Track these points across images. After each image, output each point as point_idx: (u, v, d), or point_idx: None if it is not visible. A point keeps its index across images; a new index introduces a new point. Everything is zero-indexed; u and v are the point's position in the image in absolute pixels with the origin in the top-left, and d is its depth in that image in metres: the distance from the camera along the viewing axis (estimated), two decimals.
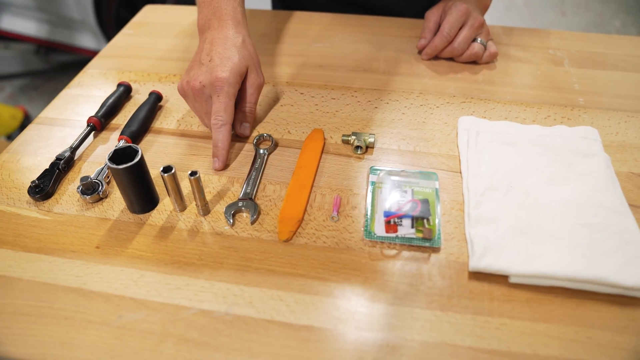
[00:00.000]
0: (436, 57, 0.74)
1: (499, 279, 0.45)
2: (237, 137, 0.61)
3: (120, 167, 0.47)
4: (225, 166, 0.57)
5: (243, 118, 0.60)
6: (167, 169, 0.47)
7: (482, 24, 0.71)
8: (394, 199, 0.51)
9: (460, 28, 0.70)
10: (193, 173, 0.47)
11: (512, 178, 0.53)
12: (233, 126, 0.60)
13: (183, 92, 0.58)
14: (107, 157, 0.47)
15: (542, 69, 0.72)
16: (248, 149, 0.59)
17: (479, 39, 0.71)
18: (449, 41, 0.70)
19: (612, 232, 0.48)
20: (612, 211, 0.50)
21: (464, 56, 0.71)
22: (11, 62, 2.03)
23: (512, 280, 0.45)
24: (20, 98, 2.02)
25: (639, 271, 0.44)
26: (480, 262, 0.45)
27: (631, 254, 0.46)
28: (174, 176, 0.48)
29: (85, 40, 1.99)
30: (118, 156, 0.49)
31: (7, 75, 2.09)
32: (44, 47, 2.08)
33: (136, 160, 0.47)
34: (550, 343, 0.41)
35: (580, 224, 0.49)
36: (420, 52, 0.75)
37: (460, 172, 0.55)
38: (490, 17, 0.76)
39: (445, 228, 0.49)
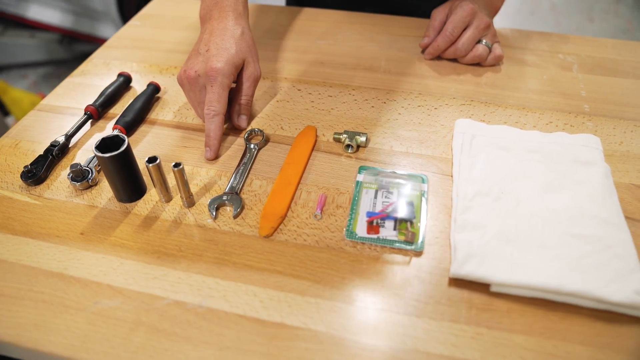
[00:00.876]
0: (439, 58, 0.73)
1: (480, 287, 0.44)
2: (230, 130, 0.61)
3: (106, 155, 0.47)
4: (217, 156, 0.57)
5: (240, 110, 0.60)
6: (151, 160, 0.48)
7: (488, 26, 0.69)
8: (378, 199, 0.50)
9: (465, 28, 0.69)
10: (177, 164, 0.47)
11: (504, 184, 0.52)
12: (230, 118, 0.61)
13: (180, 81, 0.59)
14: (94, 146, 0.48)
15: (549, 73, 0.70)
16: (239, 143, 0.59)
17: (484, 41, 0.69)
18: (451, 41, 0.69)
19: (604, 245, 0.46)
20: (607, 223, 0.48)
21: (468, 57, 0.69)
22: (36, 50, 2.09)
23: (494, 289, 0.44)
24: (42, 86, 2.07)
25: (628, 287, 0.42)
26: (462, 268, 0.44)
27: (622, 269, 0.44)
28: (158, 167, 0.48)
29: (107, 30, 2.03)
30: (106, 145, 0.49)
31: (32, 63, 2.14)
32: (67, 36, 2.13)
33: (122, 149, 0.48)
34: (527, 356, 0.39)
35: (571, 234, 0.47)
36: (423, 51, 0.74)
37: (452, 176, 0.54)
38: (514, 21, 0.75)
39: (430, 232, 0.48)
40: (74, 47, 2.15)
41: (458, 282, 0.44)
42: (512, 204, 0.50)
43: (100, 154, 0.47)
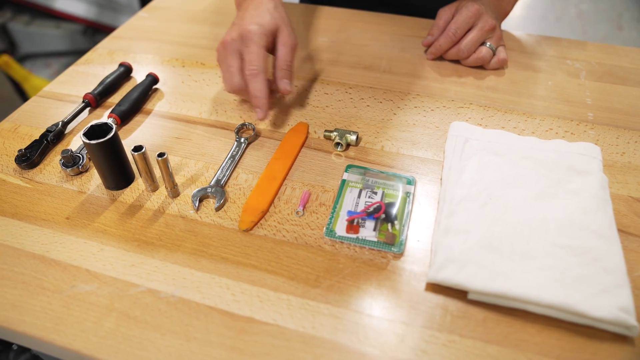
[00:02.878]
0: (442, 59, 0.72)
1: (458, 293, 0.43)
2: (222, 124, 0.61)
3: (92, 142, 0.48)
4: (267, 115, 0.59)
5: (281, 75, 0.58)
6: (137, 148, 0.48)
7: (494, 28, 0.67)
8: (361, 199, 0.49)
9: (470, 29, 0.67)
10: (161, 154, 0.48)
11: (493, 190, 0.50)
12: (274, 84, 0.59)
13: (217, 52, 0.58)
14: (81, 132, 0.48)
15: (555, 79, 0.68)
16: (230, 137, 0.59)
17: (488, 43, 0.68)
18: (454, 41, 0.68)
19: (592, 258, 0.44)
20: (597, 235, 0.46)
21: (470, 60, 0.68)
22: (60, 40, 2.14)
23: (471, 296, 0.42)
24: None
25: (612, 302, 0.40)
26: (439, 273, 0.43)
27: (608, 284, 0.42)
28: (144, 155, 0.48)
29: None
30: (94, 131, 0.50)
31: (56, 53, 2.20)
32: (91, 28, 2.18)
33: (108, 136, 0.48)
34: None
35: (558, 245, 0.45)
36: (426, 50, 0.72)
37: (441, 179, 0.53)
38: (539, 27, 0.74)
39: (412, 235, 0.47)
40: (96, 38, 2.20)
41: (435, 288, 0.43)
42: (499, 211, 0.48)
43: (86, 140, 0.48)
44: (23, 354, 1.15)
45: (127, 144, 0.57)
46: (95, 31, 2.19)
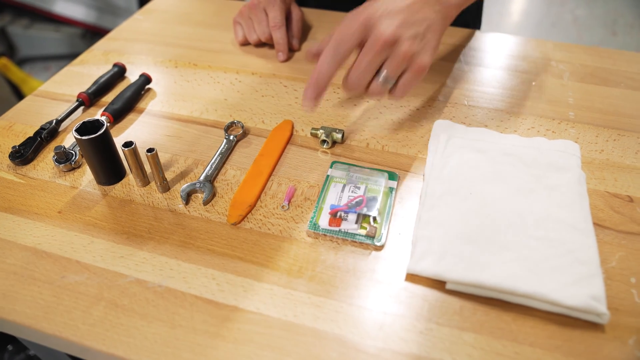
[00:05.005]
0: None
1: (436, 284, 0.44)
2: (212, 122, 0.63)
3: (84, 137, 0.49)
4: (289, 57, 0.74)
5: (293, 35, 0.76)
6: (127, 144, 0.49)
7: (392, 41, 0.48)
8: (345, 193, 0.51)
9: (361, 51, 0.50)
10: (150, 150, 0.49)
11: (473, 185, 0.52)
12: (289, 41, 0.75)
13: (239, 15, 0.76)
14: (73, 128, 0.50)
15: (539, 80, 0.70)
16: (219, 134, 0.60)
17: (382, 75, 0.50)
18: (337, 63, 0.51)
19: (567, 250, 0.46)
20: (573, 228, 0.47)
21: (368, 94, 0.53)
22: (59, 44, 2.16)
23: (449, 286, 0.44)
24: None
25: (584, 292, 0.42)
26: (418, 264, 0.44)
27: (581, 274, 0.43)
28: (134, 151, 0.50)
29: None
30: (86, 128, 0.51)
31: (55, 56, 2.22)
32: (90, 31, 2.20)
33: (99, 132, 0.50)
34: (474, 354, 0.40)
35: (535, 237, 0.47)
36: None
37: (424, 175, 0.54)
38: (535, 33, 0.74)
39: (394, 228, 0.49)
40: (94, 42, 2.22)
41: (415, 278, 0.45)
42: (478, 205, 0.50)
43: (78, 136, 0.49)
44: (18, 354, 1.15)
45: (120, 142, 0.58)
46: (94, 35, 2.21)
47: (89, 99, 0.64)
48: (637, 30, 2.58)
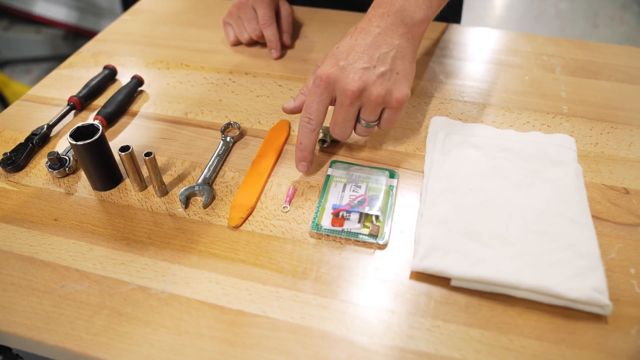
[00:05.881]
0: (420, 55, 0.73)
1: (441, 281, 0.44)
2: (208, 124, 0.62)
3: (79, 143, 0.48)
4: (282, 54, 0.74)
5: (284, 30, 0.76)
6: (124, 149, 0.49)
7: (359, 90, 0.47)
8: (346, 193, 0.51)
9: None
10: (148, 154, 0.48)
11: (473, 181, 0.52)
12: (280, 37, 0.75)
13: (228, 15, 0.76)
14: (68, 134, 0.49)
15: (531, 74, 0.70)
16: (216, 136, 0.60)
17: (363, 122, 0.51)
18: (314, 132, 0.51)
19: (567, 243, 0.46)
20: (572, 222, 0.48)
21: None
22: (41, 46, 2.12)
23: (454, 283, 0.44)
24: None
25: (586, 284, 0.42)
26: (423, 262, 0.44)
27: (582, 266, 0.44)
28: (131, 155, 0.49)
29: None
30: (81, 133, 0.50)
31: (37, 59, 2.17)
32: (72, 32, 2.16)
33: (95, 137, 0.49)
34: (482, 349, 0.40)
35: (535, 232, 0.47)
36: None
37: (423, 172, 0.54)
38: (519, 26, 0.74)
39: (396, 226, 0.49)
40: (78, 43, 2.18)
41: (419, 276, 0.45)
42: (479, 201, 0.50)
43: (73, 142, 0.48)
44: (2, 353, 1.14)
45: (114, 146, 0.58)
46: (77, 36, 2.17)
47: (80, 103, 0.63)
48: (618, 23, 2.63)
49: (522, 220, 0.48)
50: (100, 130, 0.49)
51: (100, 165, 0.51)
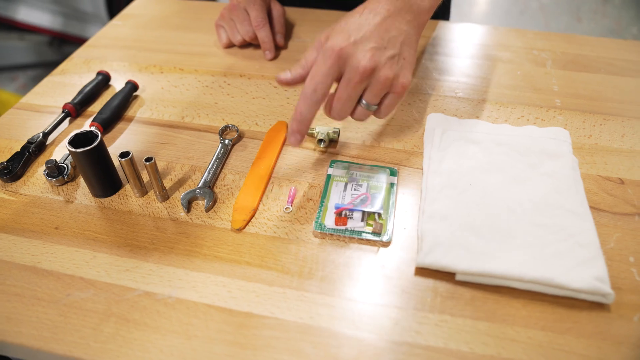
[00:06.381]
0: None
1: (446, 276, 0.45)
2: (206, 127, 0.62)
3: (78, 150, 0.48)
4: (277, 55, 0.75)
5: (277, 31, 0.76)
6: (124, 154, 0.48)
7: (370, 69, 0.46)
8: (347, 192, 0.51)
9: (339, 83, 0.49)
10: (148, 159, 0.48)
11: (472, 176, 0.53)
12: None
13: (220, 18, 0.75)
14: (66, 141, 0.48)
15: (523, 69, 0.71)
16: (214, 139, 0.60)
17: (364, 101, 0.50)
18: (318, 103, 0.48)
19: (567, 234, 0.47)
20: (571, 213, 0.49)
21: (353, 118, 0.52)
22: (25, 53, 2.09)
23: (458, 277, 0.45)
24: (32, 88, 2.07)
25: (588, 274, 0.43)
26: (427, 257, 0.45)
27: (583, 257, 0.45)
28: (131, 161, 0.49)
29: (96, 32, 2.04)
30: (80, 140, 0.50)
31: (22, 66, 2.14)
32: (57, 38, 2.13)
33: (94, 144, 0.48)
34: (489, 342, 0.40)
35: (536, 224, 0.48)
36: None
37: (422, 169, 0.55)
38: (504, 21, 0.75)
39: (399, 223, 0.49)
40: (63, 49, 2.16)
41: (424, 272, 0.45)
42: (478, 196, 0.51)
43: (72, 149, 0.48)
44: None
45: (111, 152, 0.57)
46: (62, 42, 2.14)
47: (75, 110, 0.63)
48: (600, 16, 2.67)
49: (522, 214, 0.49)
50: (99, 137, 0.49)
51: (100, 172, 0.51)
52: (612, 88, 0.67)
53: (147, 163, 0.48)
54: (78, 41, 2.11)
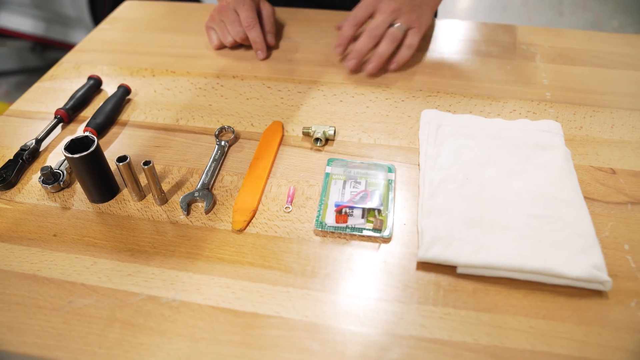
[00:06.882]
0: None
1: (447, 269, 0.46)
2: (202, 129, 0.62)
3: (75, 156, 0.47)
4: (268, 55, 0.75)
5: (267, 30, 0.76)
6: (121, 159, 0.48)
7: (396, 9, 0.67)
8: (347, 189, 0.51)
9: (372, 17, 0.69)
10: (146, 162, 0.48)
11: (468, 171, 0.53)
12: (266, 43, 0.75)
13: (210, 20, 0.76)
14: (63, 147, 0.48)
15: (513, 64, 0.72)
16: (210, 141, 0.60)
17: (396, 24, 0.68)
18: (357, 25, 0.69)
19: (564, 224, 0.48)
20: (566, 203, 0.50)
21: (383, 42, 0.67)
22: (7, 59, 2.05)
23: (460, 270, 0.45)
24: (15, 95, 2.04)
25: (586, 262, 0.44)
26: (428, 252, 0.45)
27: (581, 246, 0.46)
28: (129, 165, 0.49)
29: (80, 36, 2.01)
30: (76, 146, 0.49)
31: (3, 72, 2.11)
32: (39, 44, 2.10)
33: (91, 149, 0.48)
34: (493, 332, 0.41)
35: (533, 215, 0.49)
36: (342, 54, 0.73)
37: (419, 165, 0.55)
38: (487, 17, 0.77)
39: (398, 219, 0.50)
40: (46, 55, 2.13)
41: (426, 266, 0.46)
42: (476, 189, 0.51)
43: (69, 155, 0.47)
44: None
45: (108, 157, 0.57)
46: (45, 47, 2.11)
47: (67, 115, 0.62)
48: (582, 10, 2.71)
49: (519, 205, 0.50)
50: (96, 142, 0.49)
51: (98, 177, 0.50)
52: (599, 80, 0.69)
53: (146, 167, 0.48)
54: (61, 46, 2.08)
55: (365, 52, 0.68)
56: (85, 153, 0.47)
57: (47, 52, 2.13)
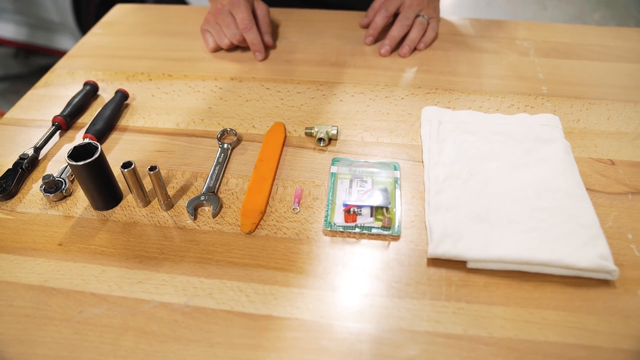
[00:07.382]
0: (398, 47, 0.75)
1: (457, 264, 0.46)
2: (204, 132, 0.61)
3: (79, 163, 0.47)
4: (266, 56, 0.75)
5: (264, 31, 0.75)
6: (126, 165, 0.48)
7: (420, 2, 0.76)
8: (353, 188, 0.51)
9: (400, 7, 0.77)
10: (152, 168, 0.48)
11: (472, 166, 0.54)
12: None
13: (205, 23, 0.75)
14: (66, 154, 0.47)
15: (508, 59, 0.73)
16: (213, 144, 0.59)
17: (422, 15, 0.76)
18: (387, 17, 0.76)
19: (569, 216, 0.49)
20: (569, 195, 0.50)
21: (413, 31, 0.75)
22: None
23: (470, 265, 0.46)
24: (0, 103, 2.00)
25: (592, 253, 0.45)
26: (438, 248, 0.46)
27: (586, 237, 0.46)
28: (134, 171, 0.48)
29: (65, 42, 1.98)
30: (78, 153, 0.49)
31: None
32: (23, 50, 2.07)
33: (95, 156, 0.47)
34: (506, 325, 0.42)
35: (538, 208, 0.49)
36: (367, 37, 0.78)
37: (422, 162, 0.56)
38: (472, 12, 0.79)
39: (406, 216, 0.50)
40: (30, 61, 2.09)
41: (436, 262, 0.46)
42: (481, 184, 0.52)
43: (73, 163, 0.47)
44: None
45: (110, 163, 0.56)
46: (29, 53, 2.08)
47: (65, 122, 0.61)
48: (565, 4, 2.75)
49: (524, 199, 0.50)
50: (99, 149, 0.48)
51: (102, 184, 0.50)
52: (593, 73, 0.70)
53: (152, 172, 0.47)
54: (46, 52, 2.05)
55: (398, 39, 0.75)
56: (89, 160, 0.47)
57: (31, 58, 2.10)
